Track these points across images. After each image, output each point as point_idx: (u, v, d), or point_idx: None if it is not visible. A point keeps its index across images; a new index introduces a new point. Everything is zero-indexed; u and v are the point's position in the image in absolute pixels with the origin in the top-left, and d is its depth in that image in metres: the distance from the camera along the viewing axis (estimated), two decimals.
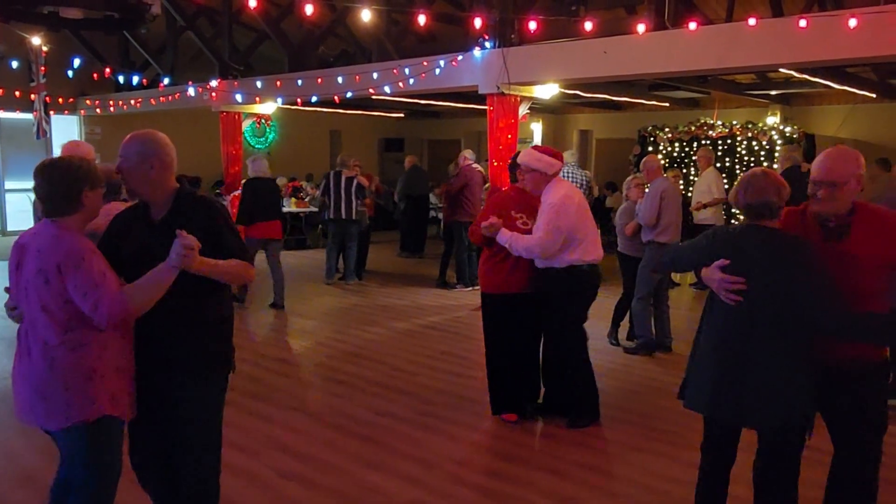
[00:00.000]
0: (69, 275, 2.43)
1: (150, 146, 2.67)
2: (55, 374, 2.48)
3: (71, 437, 2.53)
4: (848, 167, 2.70)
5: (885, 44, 5.49)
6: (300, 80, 9.94)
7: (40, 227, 2.57)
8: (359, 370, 5.93)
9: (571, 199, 4.49)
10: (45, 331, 2.49)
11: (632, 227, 6.32)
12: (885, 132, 12.21)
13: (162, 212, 2.72)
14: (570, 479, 4.03)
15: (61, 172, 2.52)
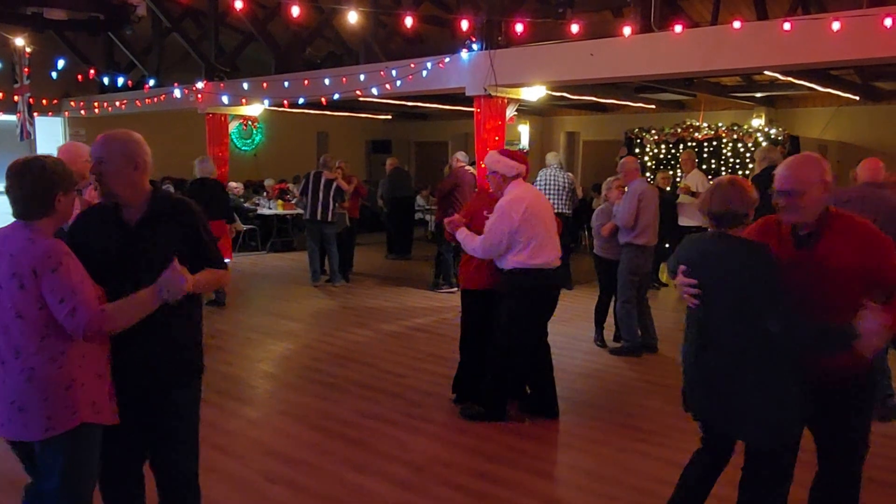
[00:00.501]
0: (45, 277, 2.34)
1: (132, 146, 2.61)
2: (34, 386, 2.38)
3: (50, 447, 2.44)
4: (809, 174, 2.63)
5: (868, 46, 5.55)
6: (287, 81, 9.91)
7: (10, 230, 2.47)
8: (346, 372, 5.92)
9: (521, 201, 4.52)
10: (20, 338, 2.39)
11: (609, 227, 6.37)
12: (869, 134, 12.35)
13: (137, 214, 2.63)
14: (557, 480, 4.04)
15: (35, 174, 2.42)
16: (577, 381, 5.75)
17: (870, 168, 4.88)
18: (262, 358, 6.33)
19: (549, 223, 4.66)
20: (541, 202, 4.70)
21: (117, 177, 2.58)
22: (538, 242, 4.54)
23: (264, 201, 13.59)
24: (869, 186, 4.81)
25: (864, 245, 2.61)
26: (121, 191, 2.60)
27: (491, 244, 4.53)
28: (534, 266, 4.55)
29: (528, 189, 4.74)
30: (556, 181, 9.24)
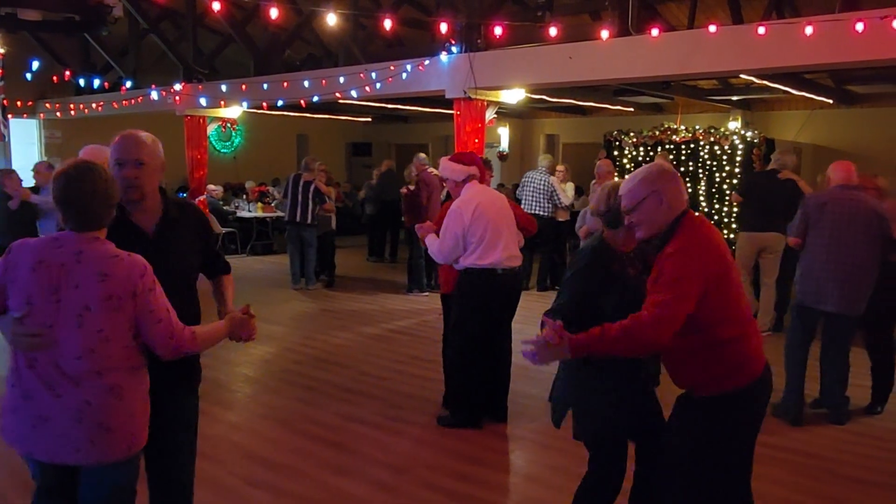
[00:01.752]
0: (143, 298, 2.22)
1: (160, 148, 2.55)
2: (124, 403, 2.27)
3: (122, 469, 2.32)
4: (635, 189, 2.56)
5: (841, 51, 5.64)
6: (266, 83, 9.86)
7: (77, 244, 2.23)
8: (327, 375, 5.90)
9: (471, 203, 4.58)
10: (104, 360, 2.22)
11: (585, 230, 6.45)
12: (842, 137, 12.54)
13: (152, 220, 2.53)
14: (538, 481, 4.06)
15: (102, 177, 2.23)
16: None
17: (842, 170, 4.96)
18: (242, 362, 6.29)
19: (502, 224, 4.64)
20: (494, 203, 4.68)
21: (152, 180, 2.50)
22: (487, 243, 4.57)
23: (244, 204, 13.51)
24: (843, 189, 4.89)
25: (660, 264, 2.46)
26: (151, 195, 2.52)
27: (447, 247, 4.60)
28: (483, 266, 4.58)
29: (481, 191, 4.76)
30: (534, 183, 9.38)
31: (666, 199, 2.53)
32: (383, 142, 18.94)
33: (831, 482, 4.02)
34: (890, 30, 5.31)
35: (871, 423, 4.92)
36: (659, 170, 2.61)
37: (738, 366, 2.50)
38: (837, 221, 4.76)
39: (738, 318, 2.51)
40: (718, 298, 2.43)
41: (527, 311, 8.48)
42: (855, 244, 4.68)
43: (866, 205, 4.73)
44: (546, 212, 9.38)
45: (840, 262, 4.71)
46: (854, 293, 4.69)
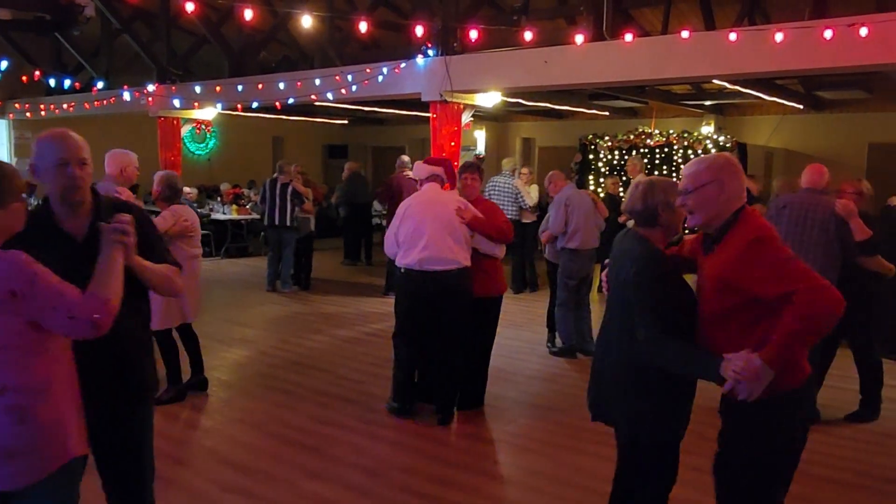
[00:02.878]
0: (27, 294, 1.99)
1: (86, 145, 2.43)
2: (27, 427, 2.06)
3: (40, 489, 2.12)
4: (700, 172, 2.52)
5: (810, 57, 5.74)
6: (240, 85, 9.79)
7: None
8: (302, 379, 5.87)
9: (405, 204, 4.82)
10: (3, 372, 2.04)
11: (547, 235, 6.63)
12: (813, 142, 12.76)
13: (82, 225, 2.37)
14: (514, 484, 4.07)
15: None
16: (531, 384, 5.81)
17: (810, 174, 5.06)
18: (216, 366, 6.23)
19: (429, 226, 4.65)
20: (432, 207, 4.71)
21: (90, 179, 2.38)
22: (408, 243, 4.71)
23: (218, 206, 13.39)
24: (808, 192, 4.99)
25: (741, 253, 2.40)
26: (87, 196, 2.39)
27: (386, 244, 4.92)
28: (403, 265, 4.74)
29: (423, 192, 4.88)
30: (499, 186, 9.52)
31: (727, 190, 2.49)
32: (360, 144, 18.91)
33: (804, 482, 4.04)
34: (857, 37, 5.42)
35: (843, 423, 4.99)
36: (725, 160, 2.57)
37: (798, 363, 2.42)
38: (794, 224, 4.89)
39: None
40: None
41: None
42: (810, 246, 4.77)
43: (824, 208, 4.81)
44: (511, 214, 9.50)
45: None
46: None
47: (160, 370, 5.20)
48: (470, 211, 4.75)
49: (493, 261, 4.99)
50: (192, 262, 5.11)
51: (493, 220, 4.90)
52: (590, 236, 6.56)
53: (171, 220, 4.99)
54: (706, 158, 2.59)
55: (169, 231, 4.93)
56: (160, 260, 2.55)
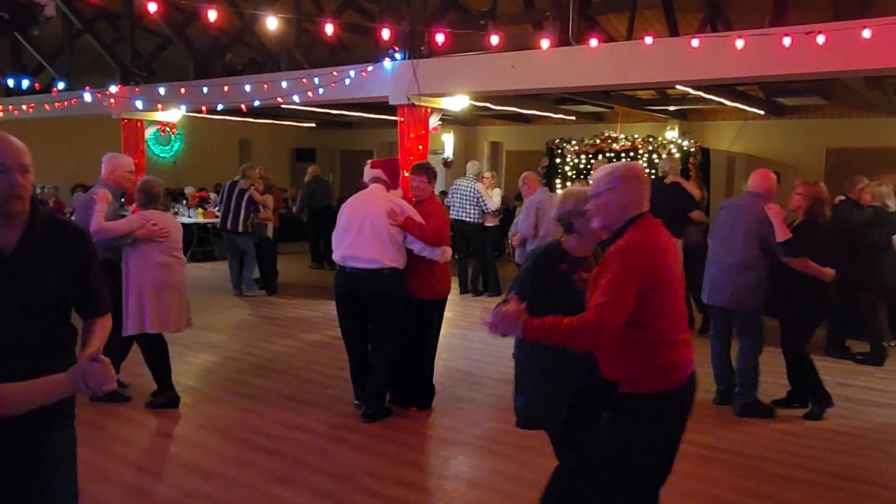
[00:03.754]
0: None
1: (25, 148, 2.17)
2: None
3: None
4: (600, 179, 2.63)
5: (769, 64, 5.87)
6: (206, 87, 9.68)
7: None
8: (269, 383, 5.82)
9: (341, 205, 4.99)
10: None
11: (517, 238, 6.67)
12: (773, 147, 13.04)
13: (13, 237, 2.10)
14: (482, 487, 4.08)
15: None
16: (499, 387, 5.83)
17: (754, 178, 5.27)
18: (182, 371, 6.13)
19: (356, 225, 4.80)
20: (359, 205, 4.88)
21: (31, 188, 2.14)
22: (336, 241, 4.91)
23: (184, 209, 13.21)
24: (748, 195, 5.21)
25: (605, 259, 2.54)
26: (26, 206, 2.13)
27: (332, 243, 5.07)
28: (337, 262, 4.94)
29: (361, 192, 5.03)
30: (461, 190, 9.58)
31: (624, 198, 2.57)
32: (328, 148, 18.82)
33: (763, 480, 4.16)
34: (814, 45, 5.56)
35: (800, 421, 5.11)
36: (626, 169, 2.66)
37: (662, 370, 2.52)
38: (726, 224, 5.18)
39: (671, 325, 2.54)
40: (653, 301, 2.47)
41: (460, 316, 8.58)
42: (736, 245, 5.05)
43: (751, 210, 5.05)
44: (473, 218, 9.57)
45: (723, 262, 5.12)
46: (734, 289, 5.06)
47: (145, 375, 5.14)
48: (403, 214, 4.76)
49: (430, 264, 4.93)
50: (163, 269, 5.02)
51: (432, 224, 4.86)
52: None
53: (137, 223, 4.95)
54: (610, 166, 2.70)
55: (135, 233, 4.90)
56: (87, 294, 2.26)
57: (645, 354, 2.52)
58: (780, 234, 4.88)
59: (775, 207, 4.99)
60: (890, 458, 4.51)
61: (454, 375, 6.14)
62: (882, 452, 4.60)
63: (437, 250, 4.90)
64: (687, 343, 2.61)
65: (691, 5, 8.58)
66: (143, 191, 5.11)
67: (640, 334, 2.49)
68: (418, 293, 4.97)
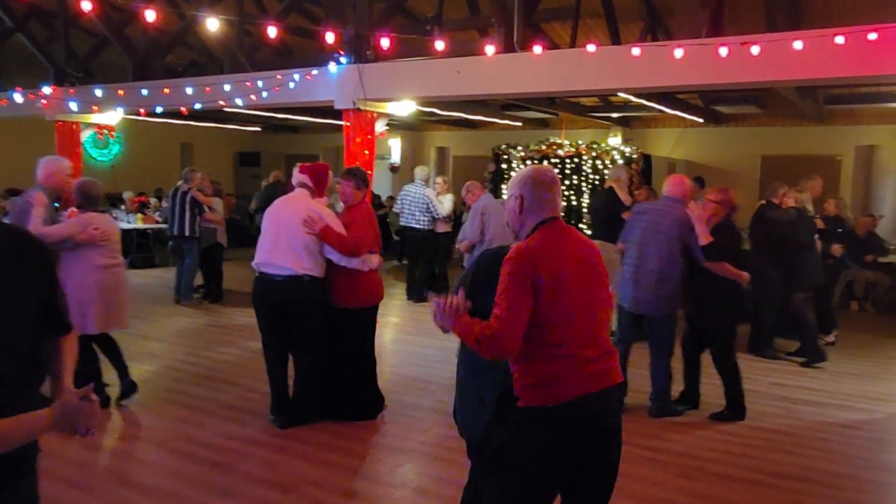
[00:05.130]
0: None
1: None
2: None
3: None
4: (510, 185, 2.63)
5: (706, 73, 6.04)
6: (144, 89, 9.44)
7: None
8: (210, 393, 5.68)
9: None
10: None
11: (465, 244, 6.70)
12: (711, 154, 13.42)
13: None
14: (429, 494, 4.05)
15: None
16: (447, 393, 5.79)
17: (670, 183, 5.38)
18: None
19: (272, 231, 4.82)
20: (278, 211, 4.89)
21: None
22: (257, 246, 4.91)
23: (123, 215, 12.83)
24: (665, 200, 5.31)
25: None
26: None
27: None
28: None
29: (284, 197, 5.05)
30: (410, 196, 9.53)
31: (526, 203, 2.52)
32: (273, 152, 18.56)
33: (704, 480, 4.25)
34: (749, 55, 5.74)
35: (742, 422, 5.22)
36: (529, 173, 2.58)
37: (545, 382, 2.37)
38: (645, 230, 5.20)
39: (562, 338, 2.37)
40: (541, 311, 2.35)
41: (407, 322, 8.56)
42: (656, 251, 5.07)
43: (671, 214, 5.11)
44: (423, 224, 9.52)
45: (643, 268, 5.13)
46: (651, 296, 5.09)
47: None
48: (320, 223, 4.69)
49: (351, 273, 4.83)
50: (104, 271, 5.03)
51: (353, 233, 4.77)
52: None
53: (77, 227, 4.90)
54: (520, 171, 2.66)
55: (75, 238, 4.86)
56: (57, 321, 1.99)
57: (527, 366, 2.40)
58: (702, 238, 4.96)
59: (697, 210, 5.07)
60: (823, 456, 4.66)
61: (402, 382, 6.10)
62: (816, 450, 4.76)
63: (355, 260, 4.79)
64: (586, 359, 2.39)
65: (632, 15, 8.77)
66: (82, 192, 5.06)
67: (524, 346, 2.37)
68: (340, 302, 4.87)
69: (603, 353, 2.45)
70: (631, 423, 5.08)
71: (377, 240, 5.00)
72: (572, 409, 2.36)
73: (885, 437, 5.12)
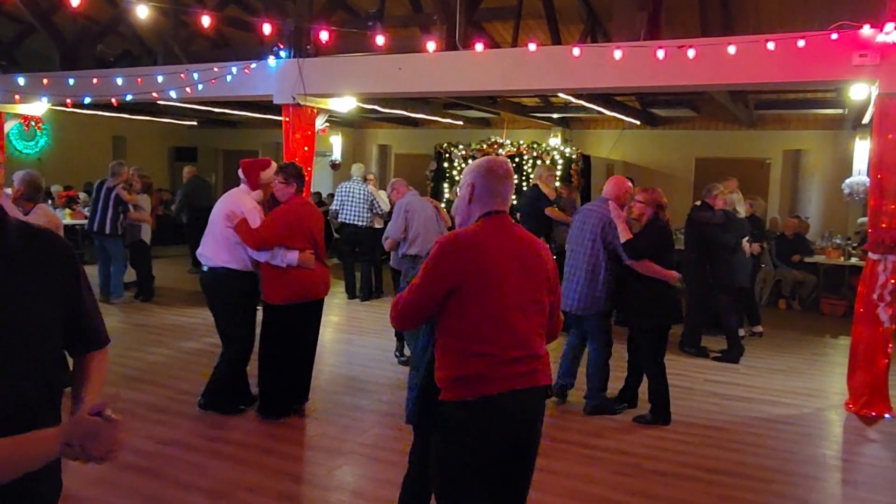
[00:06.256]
0: None
1: None
2: None
3: None
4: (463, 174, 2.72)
5: (644, 75, 6.14)
6: (72, 78, 9.05)
7: None
8: (139, 396, 5.46)
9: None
10: None
11: (390, 243, 6.64)
12: (648, 155, 13.71)
13: None
14: (364, 496, 3.99)
15: None
16: (386, 392, 5.76)
17: (608, 184, 5.50)
18: None
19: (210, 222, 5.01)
20: (217, 204, 5.03)
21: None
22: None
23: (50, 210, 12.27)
24: (599, 201, 5.43)
25: None
26: None
27: None
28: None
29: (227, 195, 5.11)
30: (352, 193, 9.44)
31: (476, 192, 2.52)
32: (210, 147, 18.11)
33: (639, 477, 4.31)
34: (685, 59, 5.86)
35: (676, 419, 5.31)
36: (483, 162, 2.58)
37: (468, 377, 2.37)
38: (574, 230, 5.38)
39: (480, 336, 2.36)
40: (461, 306, 2.36)
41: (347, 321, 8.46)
42: (583, 250, 5.25)
43: (597, 214, 5.27)
44: (364, 221, 9.47)
45: (574, 266, 5.29)
46: (583, 295, 5.21)
47: None
48: (236, 217, 4.75)
49: (274, 269, 4.75)
50: None
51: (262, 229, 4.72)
52: (430, 243, 6.59)
53: (44, 220, 4.89)
54: (475, 160, 2.67)
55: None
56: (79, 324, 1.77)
57: (451, 360, 2.41)
58: (622, 235, 5.07)
59: (617, 208, 5.19)
60: (754, 451, 4.79)
61: (340, 381, 6.01)
62: (747, 445, 4.88)
63: (263, 255, 4.74)
64: (511, 359, 2.38)
65: (573, 17, 8.87)
66: (33, 184, 5.14)
67: (445, 340, 2.42)
68: (265, 297, 4.90)
69: (530, 355, 2.44)
70: (568, 422, 5.15)
71: (302, 237, 4.83)
72: (493, 405, 2.36)
73: (812, 431, 5.30)
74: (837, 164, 11.85)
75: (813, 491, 4.28)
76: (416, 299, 2.42)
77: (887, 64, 5.27)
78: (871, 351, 5.53)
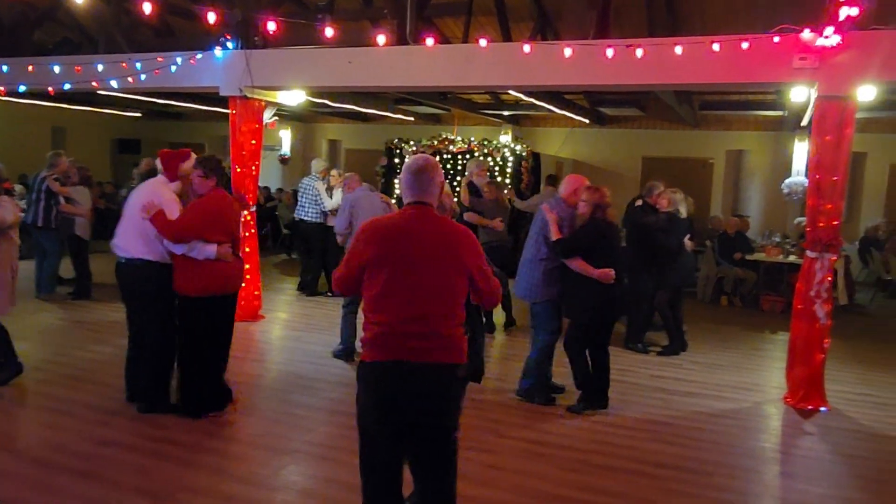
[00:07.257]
0: None
1: None
2: None
3: None
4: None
5: (592, 74, 6.21)
6: (5, 66, 8.69)
7: None
8: (78, 395, 5.28)
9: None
10: None
11: (340, 238, 6.60)
12: (596, 153, 13.91)
13: None
14: (316, 496, 3.93)
15: None
16: (333, 390, 5.69)
17: (563, 182, 5.63)
18: None
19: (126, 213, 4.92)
20: (133, 194, 4.98)
21: None
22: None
23: None
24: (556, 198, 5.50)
25: None
26: None
27: None
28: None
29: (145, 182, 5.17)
30: (305, 190, 9.39)
31: (402, 186, 2.93)
32: (154, 139, 17.66)
33: (585, 472, 4.35)
34: (633, 58, 5.94)
35: (623, 414, 5.39)
36: (409, 161, 2.96)
37: (370, 341, 2.75)
38: (533, 224, 5.58)
39: (386, 307, 2.72)
40: (373, 279, 2.75)
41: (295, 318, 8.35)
42: (531, 242, 5.48)
43: (542, 211, 5.47)
44: (312, 217, 9.39)
45: (524, 257, 5.56)
46: (526, 283, 5.46)
47: None
48: (153, 209, 4.65)
49: (188, 260, 4.68)
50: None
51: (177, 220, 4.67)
52: None
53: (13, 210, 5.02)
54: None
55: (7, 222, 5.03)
56: None
57: (365, 324, 2.82)
58: (552, 235, 5.26)
59: (545, 208, 5.38)
60: (697, 444, 4.89)
61: (287, 379, 5.92)
62: (691, 439, 4.98)
63: (179, 247, 4.66)
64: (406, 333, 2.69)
65: (523, 15, 8.91)
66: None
67: (363, 307, 2.86)
68: (176, 288, 4.78)
69: (429, 332, 2.71)
70: (514, 418, 5.17)
71: (221, 230, 4.75)
72: (378, 370, 2.72)
73: (752, 424, 5.45)
74: (777, 165, 12.22)
75: (752, 483, 4.39)
76: (343, 272, 2.87)
77: (826, 67, 5.43)
78: (808, 346, 5.70)
